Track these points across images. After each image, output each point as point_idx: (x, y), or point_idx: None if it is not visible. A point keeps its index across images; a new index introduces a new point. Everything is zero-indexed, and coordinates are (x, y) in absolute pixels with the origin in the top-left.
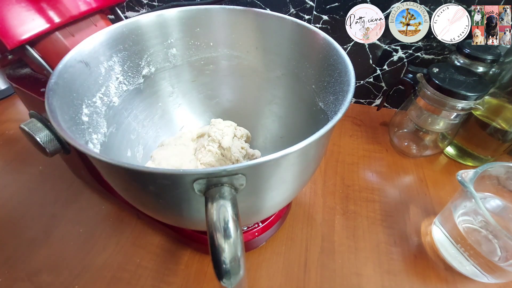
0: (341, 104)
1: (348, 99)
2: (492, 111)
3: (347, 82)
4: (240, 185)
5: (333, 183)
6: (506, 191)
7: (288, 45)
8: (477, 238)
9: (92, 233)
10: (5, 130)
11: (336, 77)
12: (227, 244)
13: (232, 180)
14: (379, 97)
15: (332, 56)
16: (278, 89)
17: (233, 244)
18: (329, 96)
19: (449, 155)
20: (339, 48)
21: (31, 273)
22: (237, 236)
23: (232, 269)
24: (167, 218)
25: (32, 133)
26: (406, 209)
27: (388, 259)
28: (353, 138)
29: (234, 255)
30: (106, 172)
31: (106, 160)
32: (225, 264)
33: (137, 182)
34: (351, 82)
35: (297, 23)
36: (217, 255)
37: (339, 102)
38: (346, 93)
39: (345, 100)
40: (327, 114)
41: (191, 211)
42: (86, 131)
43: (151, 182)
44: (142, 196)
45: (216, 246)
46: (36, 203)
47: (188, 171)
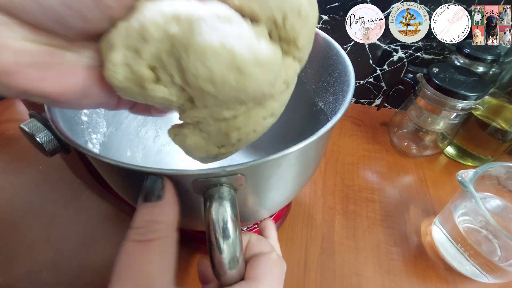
0: (341, 104)
1: (348, 99)
2: (492, 111)
3: (347, 82)
4: (239, 185)
5: (333, 183)
6: (506, 191)
7: None
8: (477, 238)
9: (92, 233)
10: (5, 130)
11: (336, 77)
12: (226, 244)
13: (231, 180)
14: (379, 97)
15: (332, 56)
16: None
17: (232, 244)
18: (329, 96)
19: (449, 155)
20: (339, 48)
21: (31, 273)
22: (236, 236)
23: (231, 269)
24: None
25: (32, 133)
26: (406, 209)
27: (388, 259)
28: (353, 138)
29: (233, 256)
30: (104, 171)
31: (104, 160)
32: (224, 264)
33: (135, 182)
34: (351, 82)
35: None
36: (216, 256)
37: (339, 102)
38: (346, 93)
39: (345, 100)
40: (327, 114)
41: (190, 210)
42: (85, 131)
43: None
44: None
45: (215, 247)
46: (36, 203)
47: (187, 172)
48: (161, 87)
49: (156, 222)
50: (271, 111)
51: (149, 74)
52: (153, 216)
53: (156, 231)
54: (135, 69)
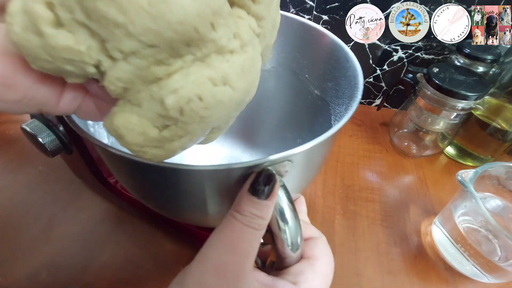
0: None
1: (360, 84)
2: (492, 111)
3: (348, 68)
4: (285, 172)
5: (333, 183)
6: (506, 191)
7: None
8: (477, 238)
9: (92, 233)
10: (5, 130)
11: (333, 64)
12: (287, 228)
13: (280, 168)
14: (379, 97)
15: (338, 56)
16: (270, 81)
17: (294, 227)
18: (326, 83)
19: (449, 155)
20: (330, 35)
21: (30, 272)
22: (295, 219)
23: (294, 251)
24: (185, 214)
25: (34, 133)
26: (406, 209)
27: (388, 259)
28: (353, 138)
29: (295, 239)
30: (123, 167)
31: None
32: (287, 247)
33: (163, 178)
34: (357, 69)
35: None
36: (279, 240)
37: (340, 89)
38: (356, 82)
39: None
40: (325, 100)
41: (198, 204)
42: (89, 124)
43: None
44: (159, 190)
45: (278, 232)
46: (36, 203)
47: (236, 165)
48: (64, 31)
49: (260, 218)
50: (221, 74)
51: (45, 13)
52: (258, 212)
53: (259, 225)
54: (29, 9)
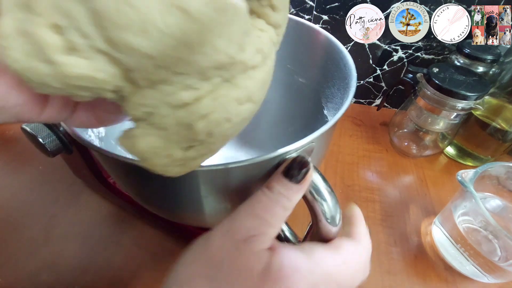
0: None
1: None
2: (492, 111)
3: (343, 66)
4: (310, 153)
5: (333, 183)
6: (506, 191)
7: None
8: (477, 238)
9: (92, 233)
10: (5, 130)
11: (327, 62)
12: (326, 205)
13: (306, 151)
14: (379, 97)
15: (333, 54)
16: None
17: (332, 204)
18: (320, 81)
19: (449, 155)
20: (324, 33)
21: (31, 273)
22: (332, 195)
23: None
24: (183, 214)
25: (34, 133)
26: (406, 209)
27: (388, 259)
28: (353, 138)
29: (333, 214)
30: (119, 169)
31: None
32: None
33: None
34: (352, 73)
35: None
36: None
37: (334, 87)
38: (347, 85)
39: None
40: (320, 98)
41: (195, 205)
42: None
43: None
44: (156, 190)
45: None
46: (36, 203)
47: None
48: (78, 58)
49: (288, 199)
50: (246, 92)
51: (53, 39)
52: (287, 194)
53: (285, 205)
54: (31, 34)
